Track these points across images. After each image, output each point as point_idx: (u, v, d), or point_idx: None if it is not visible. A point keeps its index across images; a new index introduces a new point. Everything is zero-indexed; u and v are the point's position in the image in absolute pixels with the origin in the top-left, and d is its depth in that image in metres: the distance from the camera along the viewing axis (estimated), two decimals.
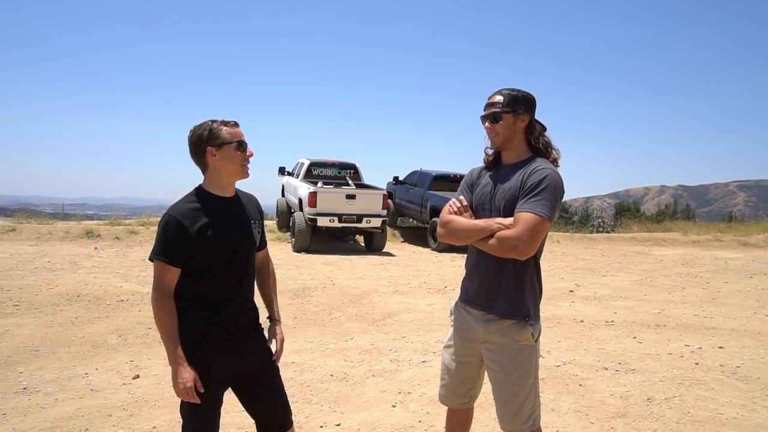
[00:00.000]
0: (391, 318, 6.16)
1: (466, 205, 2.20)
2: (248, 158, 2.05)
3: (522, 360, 2.11)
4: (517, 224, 1.96)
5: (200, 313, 2.00)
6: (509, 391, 2.12)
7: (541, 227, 1.94)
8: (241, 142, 2.02)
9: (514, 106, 2.10)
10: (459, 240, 2.15)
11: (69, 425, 3.23)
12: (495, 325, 2.12)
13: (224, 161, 2.00)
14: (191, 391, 1.92)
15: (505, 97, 2.12)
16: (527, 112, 2.12)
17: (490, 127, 2.13)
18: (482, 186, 2.20)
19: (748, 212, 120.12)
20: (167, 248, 1.93)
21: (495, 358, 2.14)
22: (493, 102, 2.14)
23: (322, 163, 13.40)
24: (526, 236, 1.92)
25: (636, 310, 6.88)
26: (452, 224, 2.16)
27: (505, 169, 2.16)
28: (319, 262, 10.14)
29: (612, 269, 10.69)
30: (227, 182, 2.07)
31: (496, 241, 2.00)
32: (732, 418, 3.57)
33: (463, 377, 2.29)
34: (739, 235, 15.63)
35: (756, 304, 7.46)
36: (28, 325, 5.26)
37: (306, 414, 3.49)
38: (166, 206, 2.07)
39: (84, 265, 8.66)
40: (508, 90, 2.14)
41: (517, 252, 1.95)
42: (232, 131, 2.01)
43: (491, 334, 2.13)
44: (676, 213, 27.01)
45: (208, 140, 1.99)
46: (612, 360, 4.76)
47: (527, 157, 2.14)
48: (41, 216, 15.04)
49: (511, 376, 2.10)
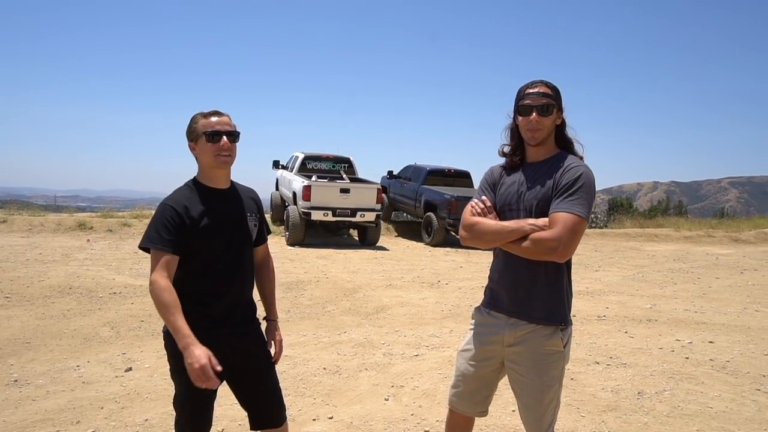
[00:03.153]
0: (385, 312, 6.17)
1: (490, 206, 2.06)
2: (223, 148, 1.97)
3: (548, 366, 2.00)
4: (554, 225, 1.85)
5: (193, 306, 1.97)
6: (533, 397, 2.03)
7: (580, 228, 1.84)
8: (212, 133, 1.95)
9: (558, 100, 1.99)
10: (487, 243, 2.02)
11: (60, 418, 3.22)
12: (524, 329, 2.01)
13: (201, 154, 1.99)
14: (207, 369, 1.75)
15: (552, 90, 1.98)
16: (562, 108, 2.02)
17: (538, 120, 1.94)
18: (507, 185, 2.07)
19: (740, 208, 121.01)
20: (162, 235, 1.90)
21: (521, 362, 2.03)
22: (545, 92, 1.96)
23: (316, 157, 13.36)
24: (566, 237, 1.82)
25: (628, 305, 6.93)
26: (479, 227, 2.01)
27: (533, 167, 2.03)
28: (312, 255, 10.14)
29: (604, 264, 10.76)
30: (213, 174, 2.03)
31: (531, 243, 1.88)
32: (721, 411, 3.61)
33: (481, 382, 2.16)
34: (730, 231, 15.74)
35: (746, 299, 7.53)
36: (19, 317, 5.23)
37: (299, 407, 3.50)
38: (159, 199, 2.05)
39: (76, 257, 8.61)
40: (549, 82, 2.00)
41: (556, 254, 1.85)
42: (205, 122, 1.97)
43: (518, 338, 2.02)
44: (669, 209, 27.18)
45: (188, 135, 1.99)
46: (604, 354, 4.80)
47: (555, 153, 2.03)
48: (33, 208, 14.93)
49: (535, 381, 2.00)
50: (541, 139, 1.99)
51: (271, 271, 2.33)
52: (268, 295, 2.30)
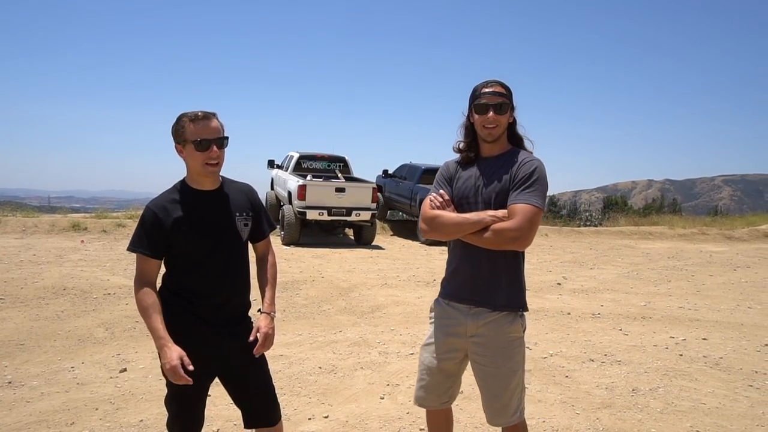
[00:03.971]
0: (380, 311, 6.17)
1: (449, 200, 2.15)
2: (212, 157, 1.94)
3: (512, 352, 2.09)
4: (514, 216, 1.95)
5: (181, 305, 1.99)
6: (499, 384, 2.09)
7: (538, 218, 1.97)
8: (201, 141, 1.91)
9: (511, 99, 2.11)
10: (448, 235, 2.11)
11: (55, 419, 3.21)
12: (485, 317, 2.08)
13: (188, 159, 1.97)
14: (179, 368, 1.84)
15: (506, 89, 2.10)
16: (514, 107, 2.14)
17: (495, 118, 2.05)
18: (464, 180, 2.15)
19: (733, 206, 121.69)
20: (143, 240, 1.93)
21: (484, 352, 2.10)
22: (500, 92, 2.07)
23: (311, 156, 13.35)
24: (525, 227, 1.93)
25: (622, 303, 6.97)
26: (439, 219, 2.09)
27: (488, 161, 2.14)
28: (308, 255, 10.13)
29: (599, 262, 10.80)
30: (200, 178, 2.01)
31: (493, 233, 1.97)
32: (714, 407, 3.64)
33: (445, 374, 2.22)
34: (724, 229, 15.84)
35: (739, 296, 7.58)
36: (13, 319, 5.20)
37: (294, 406, 3.50)
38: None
39: (70, 258, 8.57)
40: (503, 82, 2.11)
41: (517, 243, 1.96)
42: (196, 128, 1.91)
43: (481, 328, 2.09)
44: (663, 207, 27.32)
45: (175, 137, 1.96)
46: (598, 352, 4.82)
47: (508, 149, 2.15)
48: (27, 209, 14.83)
49: (501, 369, 2.08)
50: (497, 136, 2.10)
51: (272, 265, 2.28)
52: (267, 288, 2.25)
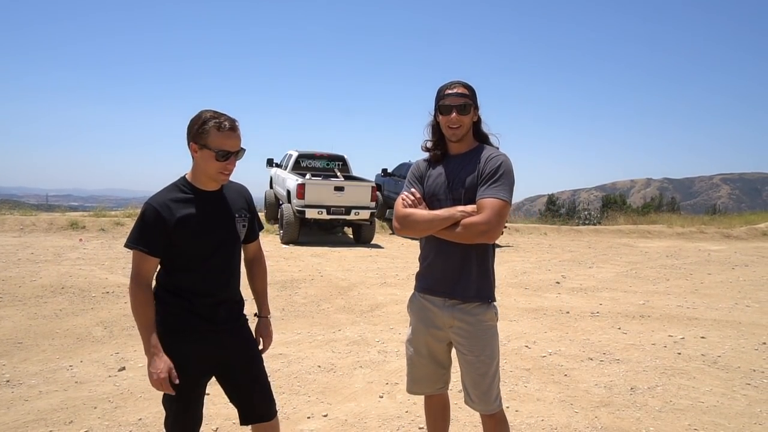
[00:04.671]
0: (379, 309, 6.17)
1: (420, 198, 2.23)
2: (228, 169, 1.96)
3: (488, 340, 2.18)
4: (483, 210, 2.03)
5: (180, 303, 1.98)
6: (478, 372, 2.17)
7: (506, 211, 2.05)
8: (223, 153, 1.91)
9: (475, 99, 2.18)
10: (420, 232, 2.19)
11: (53, 418, 3.21)
12: (460, 308, 2.17)
13: (202, 162, 1.95)
14: (165, 381, 1.88)
15: (469, 90, 2.17)
16: (478, 106, 2.21)
17: (458, 119, 2.13)
18: (434, 177, 2.23)
19: (732, 205, 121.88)
20: (144, 237, 1.91)
21: (463, 342, 2.18)
22: (463, 93, 2.15)
23: (310, 155, 13.33)
24: (494, 220, 2.01)
25: (621, 302, 6.98)
26: (412, 217, 2.17)
27: (456, 159, 2.21)
28: (307, 254, 10.12)
29: (598, 261, 10.81)
30: (207, 179, 2.01)
31: (463, 228, 2.04)
32: (712, 406, 3.65)
33: (434, 365, 2.30)
34: (722, 228, 15.87)
35: (737, 295, 7.60)
36: (11, 317, 5.19)
37: (293, 405, 3.50)
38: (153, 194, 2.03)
39: (68, 256, 8.56)
40: (466, 83, 2.19)
41: (486, 236, 2.04)
42: (221, 139, 1.90)
43: (456, 319, 2.18)
44: (662, 205, 27.35)
45: (194, 136, 1.92)
46: (597, 350, 4.82)
47: (475, 146, 2.22)
48: (24, 207, 14.81)
49: (480, 357, 2.16)
50: (461, 136, 2.18)
51: (263, 267, 2.32)
52: (260, 291, 2.30)
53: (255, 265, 2.30)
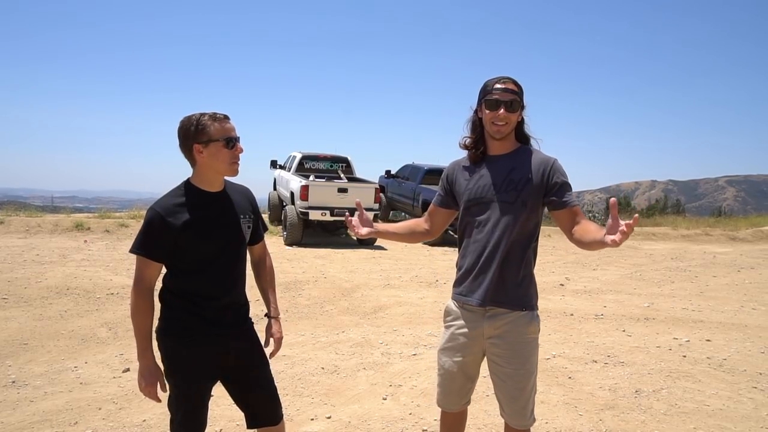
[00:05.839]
0: (383, 311, 6.17)
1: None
2: (237, 155, 1.97)
3: (529, 353, 2.06)
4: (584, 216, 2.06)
5: (186, 307, 1.97)
6: (517, 386, 2.05)
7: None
8: (230, 139, 1.93)
9: (522, 98, 2.07)
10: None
11: (58, 419, 3.22)
12: (502, 318, 2.05)
13: (211, 159, 1.93)
14: (154, 393, 1.95)
15: (518, 87, 2.05)
16: (524, 106, 2.10)
17: (505, 115, 2.01)
18: (476, 179, 2.11)
19: (737, 207, 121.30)
20: (148, 243, 1.91)
21: (502, 353, 2.06)
22: (512, 89, 2.02)
23: (314, 157, 13.34)
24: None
25: (625, 304, 6.95)
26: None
27: (502, 160, 2.10)
28: (310, 255, 10.13)
29: (602, 263, 10.78)
30: (214, 178, 2.00)
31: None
32: (718, 409, 3.63)
33: (466, 376, 2.18)
34: (727, 230, 15.78)
35: (743, 297, 7.55)
36: (16, 319, 5.22)
37: (297, 407, 3.50)
38: (156, 199, 2.03)
39: (73, 258, 8.59)
40: (515, 80, 2.07)
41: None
42: (220, 127, 1.91)
43: (498, 329, 2.05)
44: (667, 208, 27.21)
45: (194, 137, 1.91)
46: (601, 353, 4.81)
47: (517, 147, 2.12)
48: (30, 209, 14.87)
49: (519, 370, 2.04)
50: (505, 134, 2.06)
51: (270, 268, 2.32)
52: (266, 290, 2.30)
53: (261, 266, 2.30)
